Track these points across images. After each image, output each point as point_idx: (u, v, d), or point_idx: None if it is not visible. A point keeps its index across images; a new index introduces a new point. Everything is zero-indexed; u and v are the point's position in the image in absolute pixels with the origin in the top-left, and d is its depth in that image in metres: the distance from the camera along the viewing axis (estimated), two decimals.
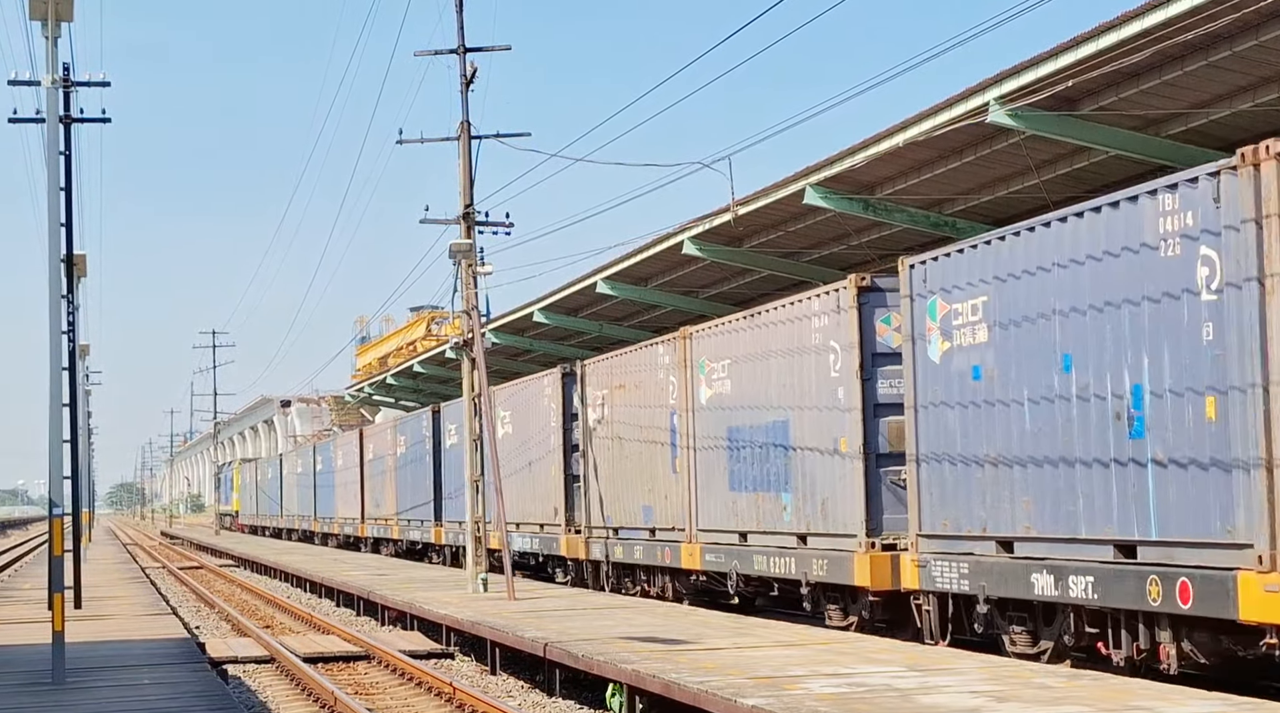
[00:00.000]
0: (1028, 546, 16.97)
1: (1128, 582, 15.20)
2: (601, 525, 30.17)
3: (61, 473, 17.74)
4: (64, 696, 16.14)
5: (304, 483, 72.18)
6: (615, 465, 29.47)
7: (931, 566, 18.65)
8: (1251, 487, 13.57)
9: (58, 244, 18.19)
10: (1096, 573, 15.68)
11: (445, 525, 42.40)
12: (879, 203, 27.56)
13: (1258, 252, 13.51)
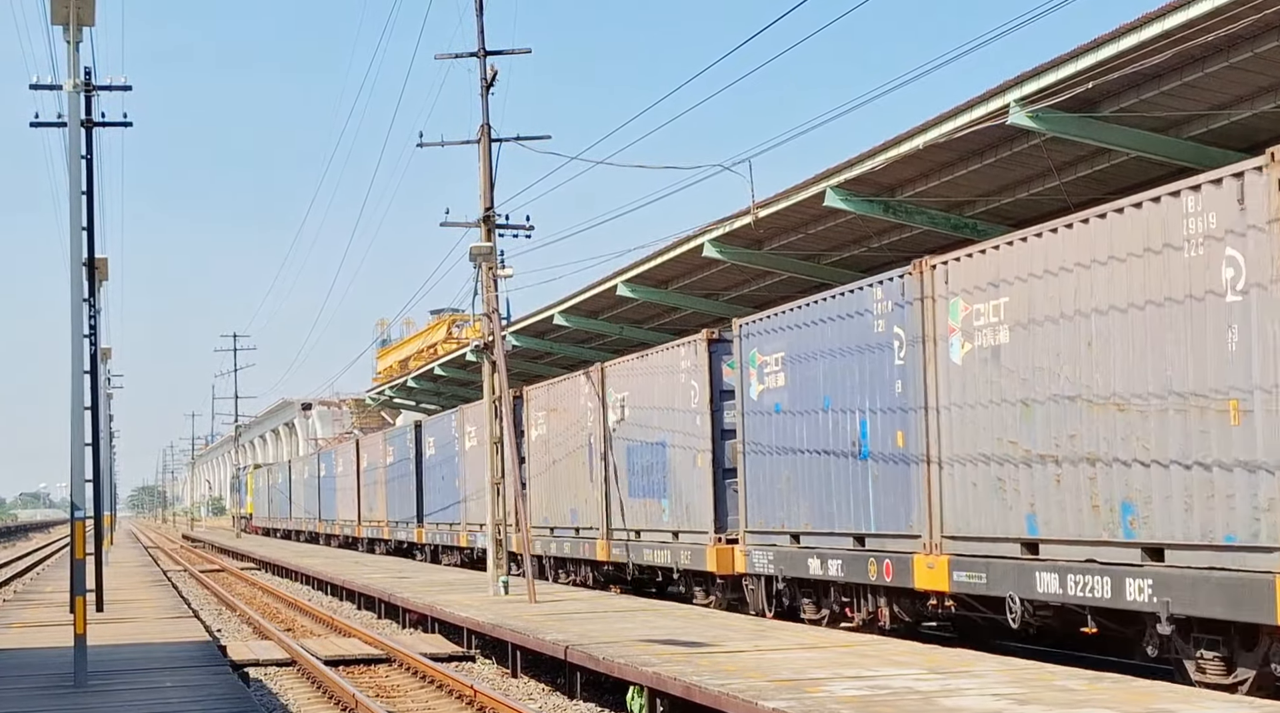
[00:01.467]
0: (807, 538, 22.52)
1: (860, 563, 20.80)
2: (541, 526, 35.15)
3: (83, 476, 17.79)
4: (86, 698, 16.18)
5: (310, 487, 76.81)
6: (550, 475, 35.01)
7: (753, 554, 24.35)
8: (920, 496, 19.41)
9: (79, 248, 18.24)
10: (844, 557, 21.25)
11: (425, 527, 48.18)
12: (899, 205, 27.51)
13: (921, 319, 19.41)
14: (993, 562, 17.82)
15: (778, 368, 23.48)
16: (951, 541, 18.79)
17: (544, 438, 35.40)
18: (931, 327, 19.17)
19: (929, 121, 23.78)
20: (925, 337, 19.20)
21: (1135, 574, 15.41)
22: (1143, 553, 15.44)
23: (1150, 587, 15.19)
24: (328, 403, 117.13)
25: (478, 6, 30.71)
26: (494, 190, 30.83)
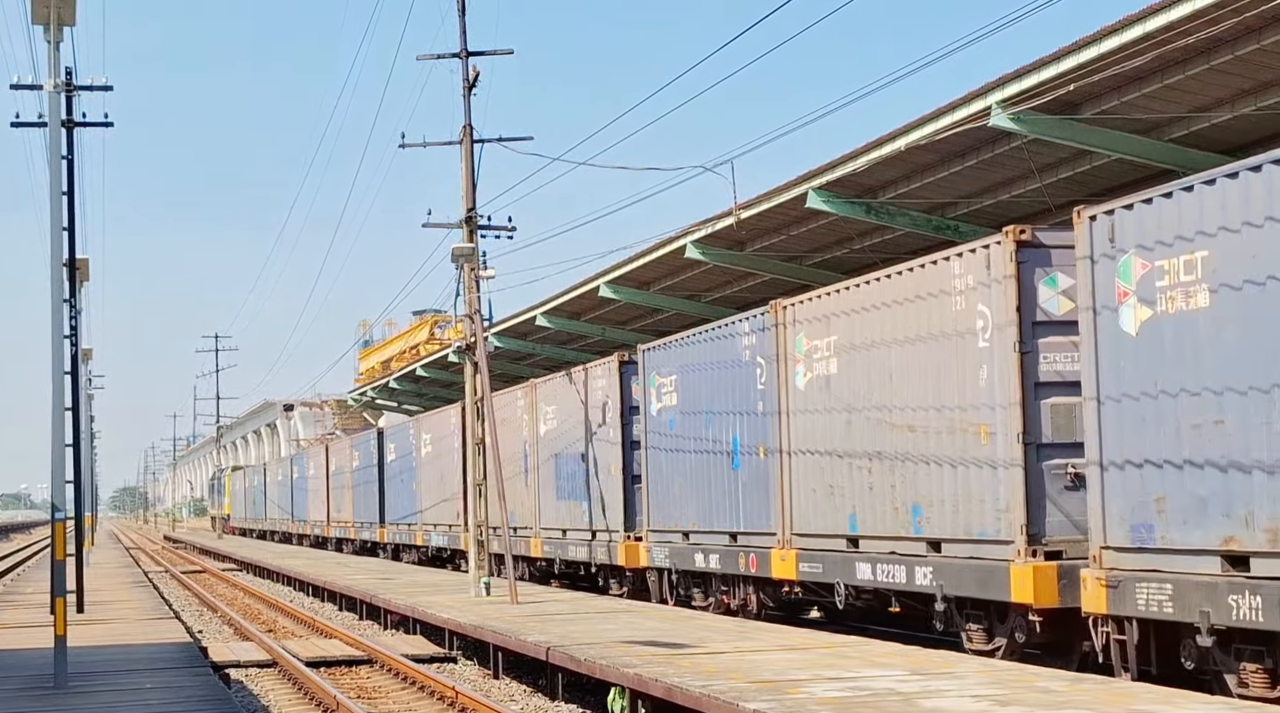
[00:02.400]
0: (695, 536, 26.00)
1: (733, 557, 24.37)
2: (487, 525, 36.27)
3: (64, 477, 17.74)
4: (66, 700, 16.14)
5: (283, 490, 79.94)
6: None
7: (653, 550, 27.75)
8: (775, 500, 22.97)
9: (60, 248, 18.20)
10: (721, 552, 24.82)
11: (387, 527, 51.93)
12: (882, 206, 27.56)
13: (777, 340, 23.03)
14: (826, 554, 21.56)
15: (671, 389, 27.20)
16: (799, 537, 22.47)
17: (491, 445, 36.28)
18: (784, 357, 22.73)
19: (911, 123, 23.82)
20: (779, 365, 22.82)
21: (921, 563, 19.09)
22: (926, 546, 19.08)
23: (931, 573, 18.82)
24: (310, 404, 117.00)
25: (460, 7, 30.68)
26: (476, 191, 30.81)
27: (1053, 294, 17.35)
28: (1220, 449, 14.12)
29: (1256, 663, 13.99)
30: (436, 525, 43.69)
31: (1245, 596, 13.73)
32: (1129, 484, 15.39)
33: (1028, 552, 17.02)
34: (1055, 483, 17.18)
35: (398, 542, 49.92)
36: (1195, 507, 14.50)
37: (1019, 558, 17.07)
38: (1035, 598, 16.79)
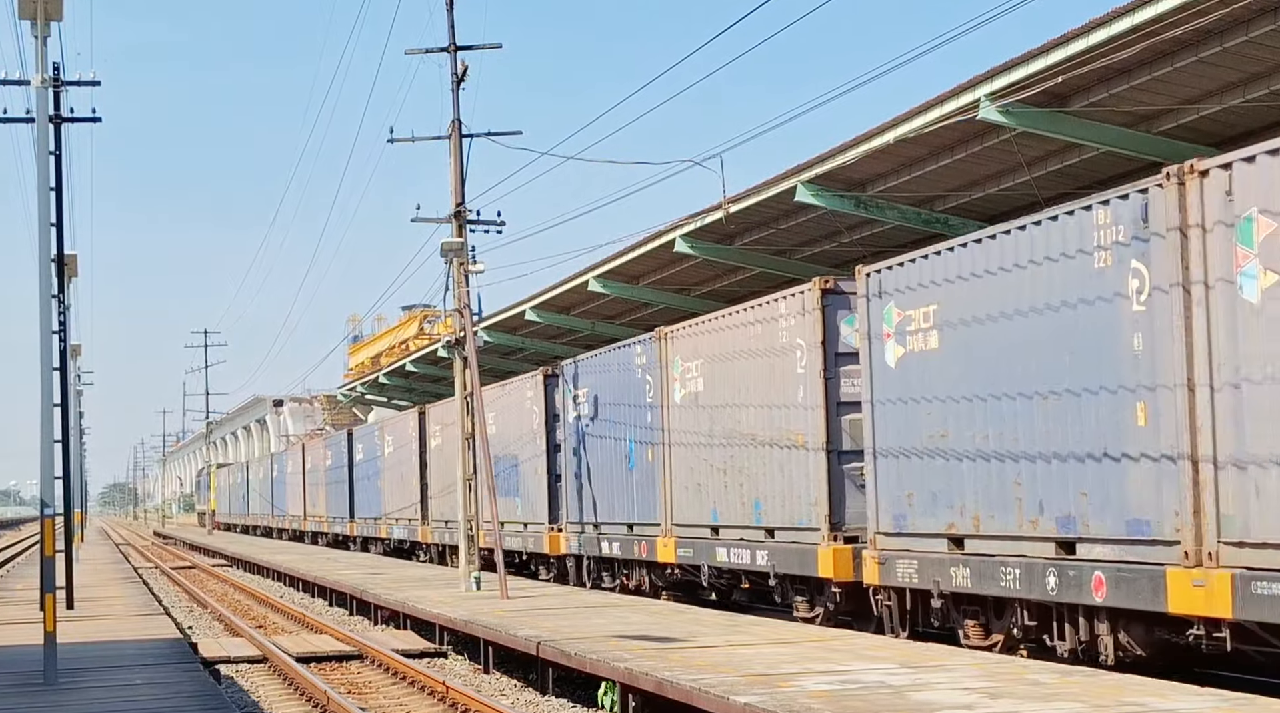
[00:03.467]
0: (603, 527, 30.07)
1: (630, 544, 28.39)
2: (439, 520, 42.47)
3: (53, 473, 17.72)
4: (56, 696, 16.12)
5: (264, 486, 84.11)
6: (445, 479, 40.73)
7: (571, 539, 31.79)
8: (660, 496, 27.09)
9: (48, 244, 18.16)
10: (621, 540, 28.89)
11: (356, 521, 56.23)
12: (870, 200, 27.56)
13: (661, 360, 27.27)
14: (695, 541, 25.59)
15: (585, 400, 31.10)
16: (677, 527, 26.49)
17: (440, 448, 42.82)
18: (666, 375, 26.86)
19: (900, 117, 23.82)
20: (663, 382, 27.01)
21: (760, 547, 23.14)
22: (764, 533, 23.14)
23: (767, 555, 22.85)
24: (299, 399, 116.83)
25: (448, 2, 30.67)
26: (465, 186, 30.80)
27: (851, 331, 21.25)
28: (940, 459, 18.56)
29: (974, 619, 18.38)
30: (398, 520, 48.14)
31: (961, 568, 18.05)
32: (894, 486, 19.65)
33: (830, 537, 21.19)
34: (851, 483, 21.23)
35: (365, 535, 54.40)
36: (930, 500, 18.81)
37: (824, 542, 21.19)
38: (835, 574, 21.05)
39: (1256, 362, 13.57)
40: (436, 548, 44.16)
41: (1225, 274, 13.90)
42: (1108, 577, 15.39)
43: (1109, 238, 15.29)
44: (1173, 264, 14.35)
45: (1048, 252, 16.28)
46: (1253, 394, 13.59)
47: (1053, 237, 16.21)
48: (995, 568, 17.29)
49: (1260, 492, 13.49)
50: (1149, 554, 14.89)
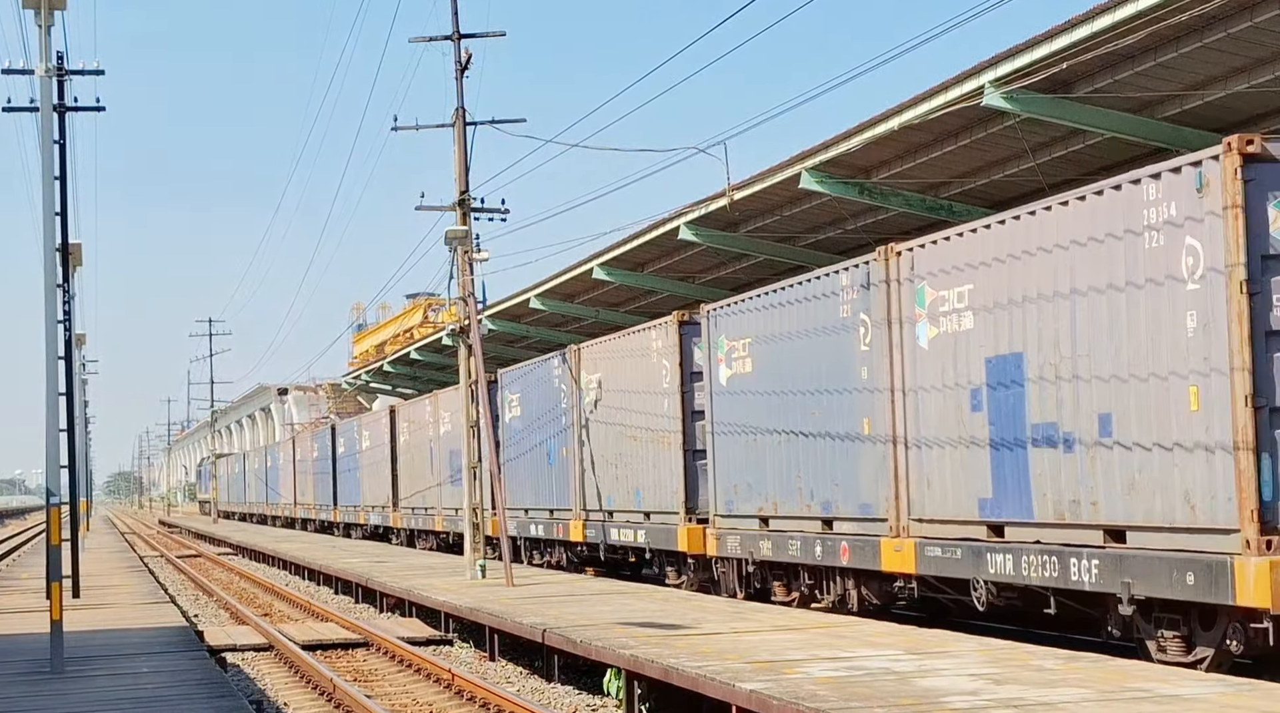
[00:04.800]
0: (531, 512, 34.96)
1: (552, 526, 33.25)
2: (406, 505, 48.23)
3: (59, 462, 17.75)
4: (62, 684, 16.16)
5: (259, 476, 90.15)
6: (411, 470, 47.59)
7: (510, 524, 33.63)
8: (575, 485, 31.62)
9: (52, 233, 18.18)
10: (544, 523, 33.76)
11: (339, 509, 61.34)
12: (875, 187, 27.54)
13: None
14: (597, 523, 30.34)
15: (517, 404, 36.14)
16: (586, 511, 31.17)
17: (406, 443, 48.42)
18: (578, 385, 31.25)
19: (904, 103, 23.79)
20: (576, 392, 31.44)
21: (640, 528, 28.09)
22: (643, 516, 28.09)
23: (644, 534, 27.86)
24: (304, 388, 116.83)
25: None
26: (469, 174, 30.78)
27: (701, 354, 25.93)
28: (756, 456, 23.56)
29: (779, 581, 23.37)
30: (374, 507, 53.59)
31: (766, 541, 23.12)
32: (725, 479, 24.74)
33: (686, 519, 26.22)
34: (703, 475, 25.90)
35: (347, 521, 59.58)
36: (748, 490, 23.85)
37: (682, 523, 26.15)
38: (689, 548, 26.03)
39: (930, 402, 18.83)
40: (406, 532, 49.16)
41: (910, 320, 19.23)
42: (850, 545, 20.66)
43: (849, 289, 20.61)
44: (882, 312, 19.71)
45: (808, 294, 21.79)
46: (925, 413, 18.90)
47: (810, 290, 21.81)
48: (786, 541, 22.53)
49: (930, 484, 18.88)
50: (871, 529, 20.17)
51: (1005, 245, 17.15)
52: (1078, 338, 15.98)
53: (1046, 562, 16.39)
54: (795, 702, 12.52)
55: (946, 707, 12.08)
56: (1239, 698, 12.21)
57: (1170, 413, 14.65)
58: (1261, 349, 13.84)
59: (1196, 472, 14.33)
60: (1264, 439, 13.77)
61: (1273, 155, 13.95)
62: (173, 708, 14.23)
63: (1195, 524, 14.37)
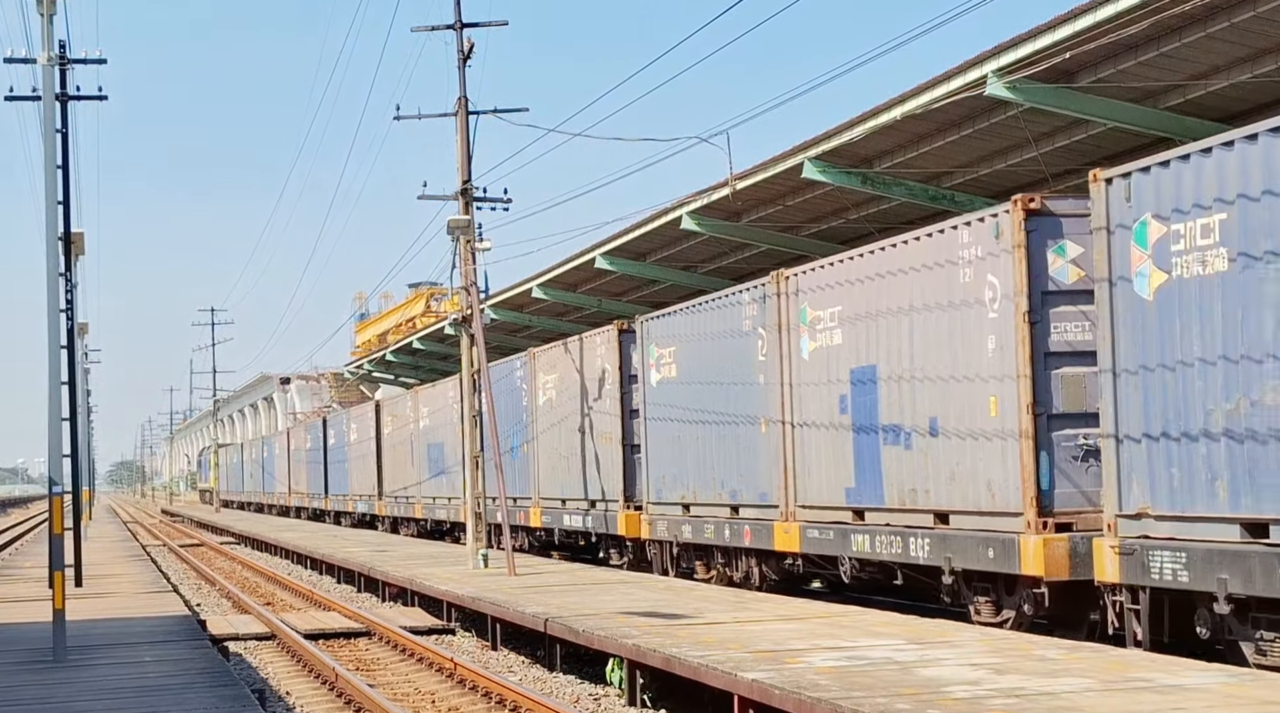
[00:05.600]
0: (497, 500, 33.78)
1: (514, 513, 35.02)
2: (390, 494, 51.89)
3: (61, 451, 17.74)
4: (65, 673, 16.17)
5: (256, 466, 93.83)
6: (393, 462, 51.55)
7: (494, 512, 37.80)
8: (531, 479, 35.10)
9: (55, 222, 18.17)
10: (509, 510, 31.74)
11: (330, 497, 64.74)
12: (877, 177, 27.51)
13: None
14: (553, 510, 33.88)
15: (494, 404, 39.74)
16: (543, 500, 34.84)
17: (389, 436, 52.29)
18: (532, 390, 35.20)
19: (907, 93, 23.76)
20: (530, 392, 35.46)
21: (587, 514, 31.53)
22: (589, 504, 31.43)
23: (591, 520, 31.20)
24: (306, 377, 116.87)
25: None
26: (472, 163, 30.78)
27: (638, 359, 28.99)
28: (678, 454, 26.89)
29: (702, 562, 26.53)
30: (361, 496, 57.05)
31: (687, 525, 26.46)
32: (655, 471, 28.01)
33: (624, 507, 29.42)
34: (639, 468, 28.85)
35: (337, 509, 63.19)
36: (674, 480, 27.07)
37: (621, 510, 29.34)
38: (627, 532, 29.38)
39: (810, 405, 22.10)
40: (390, 519, 52.71)
41: (793, 345, 22.59)
42: (751, 528, 23.87)
43: (750, 308, 24.08)
44: (775, 327, 23.01)
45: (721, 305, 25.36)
46: (807, 415, 22.20)
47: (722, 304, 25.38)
48: (703, 525, 25.70)
49: (811, 475, 22.18)
50: (767, 514, 23.39)
51: (865, 272, 20.37)
52: (915, 352, 19.26)
53: (894, 540, 19.67)
54: (797, 692, 12.53)
55: (949, 697, 12.10)
56: (1240, 688, 12.22)
57: (978, 417, 17.99)
58: (1041, 367, 17.12)
59: (995, 466, 17.65)
60: (1042, 440, 16.99)
61: (1051, 211, 17.22)
62: (176, 697, 14.24)
63: (995, 509, 17.64)
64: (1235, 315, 14.08)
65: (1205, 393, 14.49)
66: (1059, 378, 17.16)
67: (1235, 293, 14.08)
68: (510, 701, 16.61)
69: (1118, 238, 15.64)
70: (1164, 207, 14.99)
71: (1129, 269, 15.51)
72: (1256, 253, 13.84)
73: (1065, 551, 16.63)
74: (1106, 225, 15.79)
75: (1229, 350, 14.16)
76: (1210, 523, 14.45)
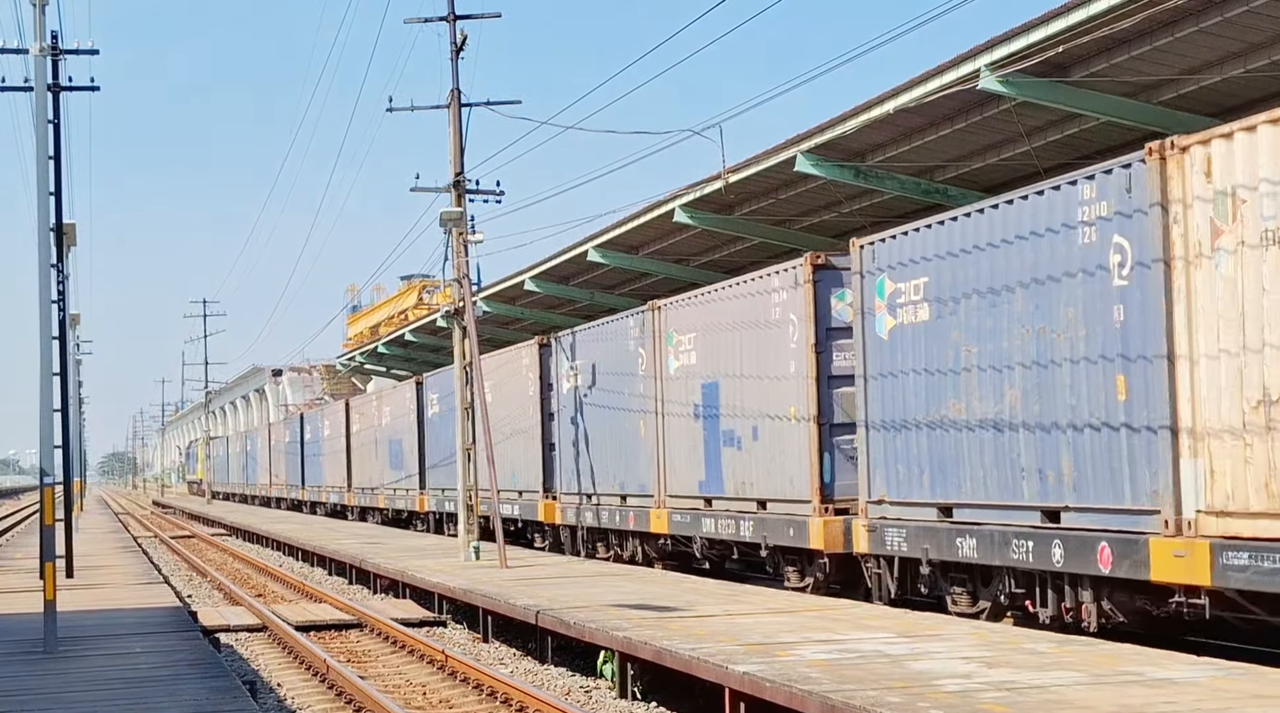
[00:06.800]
0: (447, 491, 40.67)
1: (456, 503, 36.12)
2: (358, 486, 55.90)
3: (52, 442, 17.74)
4: (56, 664, 16.17)
5: (240, 458, 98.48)
6: (361, 457, 55.68)
7: (430, 498, 43.79)
8: (487, 471, 31.56)
9: (46, 213, 18.14)
10: (453, 499, 37.63)
11: (306, 489, 69.28)
12: (870, 170, 27.51)
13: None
14: (518, 502, 35.56)
15: (436, 403, 43.15)
16: (504, 492, 33.56)
17: (359, 432, 56.09)
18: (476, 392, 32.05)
19: (900, 86, 23.75)
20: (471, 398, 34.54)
21: (516, 504, 35.33)
22: (517, 494, 35.24)
23: (519, 509, 35.24)
24: (299, 369, 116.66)
25: None
26: (464, 156, 30.75)
27: (558, 372, 33.11)
28: (584, 451, 31.08)
29: (603, 543, 30.82)
30: (333, 488, 61.39)
31: (590, 512, 30.73)
32: (567, 465, 32.04)
33: (544, 496, 33.39)
34: (556, 462, 32.87)
35: (312, 500, 67.34)
36: (579, 475, 31.20)
37: (541, 500, 33.01)
38: (546, 519, 33.35)
39: (675, 412, 26.64)
40: (358, 509, 56.84)
41: (663, 363, 27.24)
42: (634, 514, 28.36)
43: (634, 330, 28.70)
44: (650, 348, 27.67)
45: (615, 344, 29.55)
46: (672, 422, 26.84)
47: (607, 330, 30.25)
48: (601, 511, 30.09)
49: (675, 471, 26.69)
50: (646, 502, 27.82)
51: (712, 304, 25.22)
52: (743, 372, 23.86)
53: (730, 523, 24.32)
54: (788, 684, 12.55)
55: (939, 689, 12.12)
56: (1230, 682, 12.25)
57: (783, 425, 22.59)
58: (825, 387, 21.79)
59: (794, 464, 22.25)
60: (826, 444, 21.72)
61: (833, 265, 21.81)
62: (167, 688, 14.24)
63: (795, 497, 22.23)
64: (933, 351, 18.70)
65: (916, 408, 19.12)
66: (838, 395, 21.67)
67: (934, 335, 18.72)
68: (501, 693, 16.62)
69: (867, 290, 20.32)
70: (894, 270, 19.62)
71: (874, 315, 20.15)
72: (947, 307, 18.38)
73: (840, 530, 21.11)
74: (861, 281, 20.47)
75: (931, 380, 18.76)
76: (919, 507, 19.10)
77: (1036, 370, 16.68)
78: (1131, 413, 15.15)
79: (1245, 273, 13.68)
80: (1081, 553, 15.75)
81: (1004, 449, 17.25)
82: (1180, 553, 14.34)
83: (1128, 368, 15.22)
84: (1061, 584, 16.49)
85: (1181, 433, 14.45)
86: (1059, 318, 16.23)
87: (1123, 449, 15.30)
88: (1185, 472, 14.44)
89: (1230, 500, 13.89)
